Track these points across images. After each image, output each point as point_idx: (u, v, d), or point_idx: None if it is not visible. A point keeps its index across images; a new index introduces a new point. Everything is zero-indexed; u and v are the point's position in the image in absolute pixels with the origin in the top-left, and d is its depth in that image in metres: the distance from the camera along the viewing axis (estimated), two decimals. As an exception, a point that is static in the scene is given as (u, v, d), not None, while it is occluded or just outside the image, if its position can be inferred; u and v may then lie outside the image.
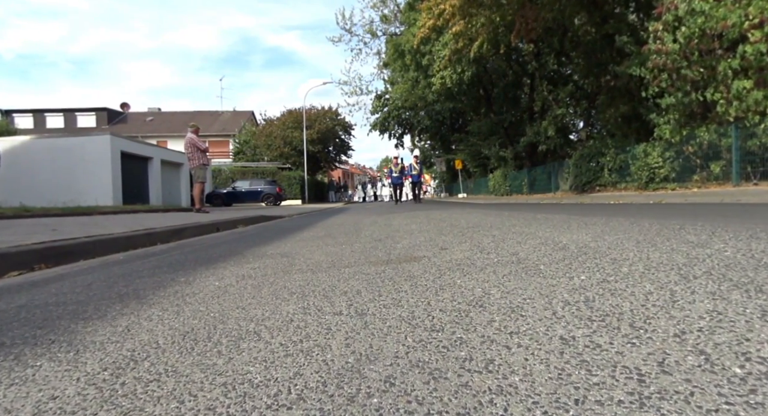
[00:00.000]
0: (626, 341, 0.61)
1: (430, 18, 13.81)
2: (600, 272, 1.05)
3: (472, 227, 2.58)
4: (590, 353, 0.58)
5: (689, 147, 9.62)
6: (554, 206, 5.64)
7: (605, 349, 0.59)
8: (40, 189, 15.19)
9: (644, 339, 0.62)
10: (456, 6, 12.30)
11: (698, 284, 0.89)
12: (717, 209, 3.08)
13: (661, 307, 0.75)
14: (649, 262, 1.12)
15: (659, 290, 0.86)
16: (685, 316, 0.70)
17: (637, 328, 0.66)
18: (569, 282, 0.97)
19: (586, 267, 1.13)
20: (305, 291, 1.13)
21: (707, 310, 0.72)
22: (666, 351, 0.57)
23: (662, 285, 0.90)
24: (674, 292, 0.84)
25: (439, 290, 1.00)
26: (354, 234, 2.83)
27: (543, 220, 2.70)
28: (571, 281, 0.98)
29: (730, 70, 8.15)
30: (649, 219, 2.20)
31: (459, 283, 1.05)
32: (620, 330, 0.66)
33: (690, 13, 8.07)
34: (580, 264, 1.18)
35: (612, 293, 0.86)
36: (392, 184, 17.10)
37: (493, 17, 12.09)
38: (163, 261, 2.25)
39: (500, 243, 1.73)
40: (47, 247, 2.77)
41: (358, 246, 2.09)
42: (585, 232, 1.84)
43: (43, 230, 3.76)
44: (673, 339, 0.61)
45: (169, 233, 4.28)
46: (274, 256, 1.93)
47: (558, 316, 0.74)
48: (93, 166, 15.56)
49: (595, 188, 13.58)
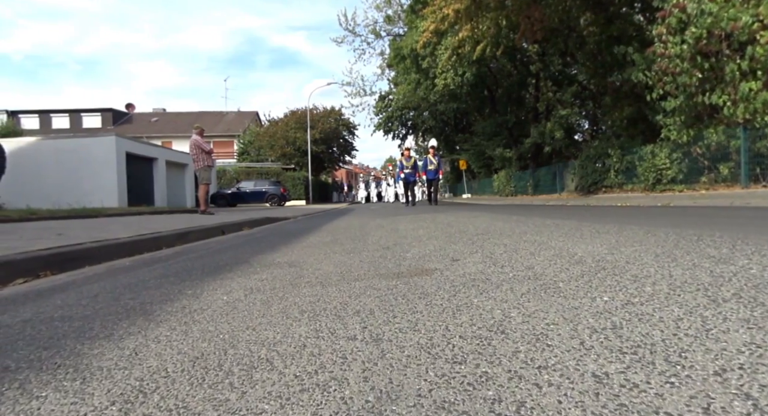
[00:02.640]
0: (664, 380, 0.58)
1: (433, 22, 13.77)
2: (623, 292, 1.01)
3: (482, 234, 2.54)
4: (627, 395, 0.55)
5: (697, 148, 9.53)
6: (561, 209, 5.57)
7: (643, 390, 0.56)
8: (46, 190, 15.27)
9: (683, 377, 0.58)
10: (460, 10, 12.24)
11: (729, 309, 0.85)
12: (730, 215, 3.03)
13: (695, 337, 0.71)
14: (672, 281, 1.08)
15: (689, 315, 0.82)
16: (722, 349, 0.66)
17: (673, 363, 0.62)
18: (592, 304, 0.94)
19: (607, 285, 1.09)
20: (316, 309, 1.10)
21: (744, 342, 0.68)
22: (709, 394, 0.53)
23: (691, 309, 0.86)
24: (705, 319, 0.80)
25: (456, 311, 0.96)
26: (361, 241, 2.80)
27: (553, 227, 2.65)
28: (594, 302, 0.95)
29: (738, 71, 8.05)
30: (663, 228, 2.15)
31: (476, 303, 1.01)
32: (656, 365, 0.62)
33: (699, 14, 7.98)
34: (600, 281, 1.14)
35: (639, 318, 0.82)
36: (403, 181, 14.04)
37: (499, 20, 12.02)
38: (169, 269, 2.22)
39: (513, 254, 1.69)
40: (53, 254, 2.75)
41: (366, 254, 2.05)
42: (599, 243, 1.80)
43: (49, 234, 3.76)
44: (714, 379, 0.57)
45: (174, 237, 4.26)
46: (281, 265, 1.90)
47: (586, 347, 0.71)
48: (98, 167, 15.63)
49: (601, 189, 13.49)
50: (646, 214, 3.50)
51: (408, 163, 13.51)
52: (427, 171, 13.05)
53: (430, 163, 13.00)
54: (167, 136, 35.12)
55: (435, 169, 13.03)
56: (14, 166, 12.81)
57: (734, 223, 2.33)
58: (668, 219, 2.80)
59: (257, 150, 30.19)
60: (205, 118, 38.64)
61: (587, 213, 4.17)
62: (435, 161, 13.03)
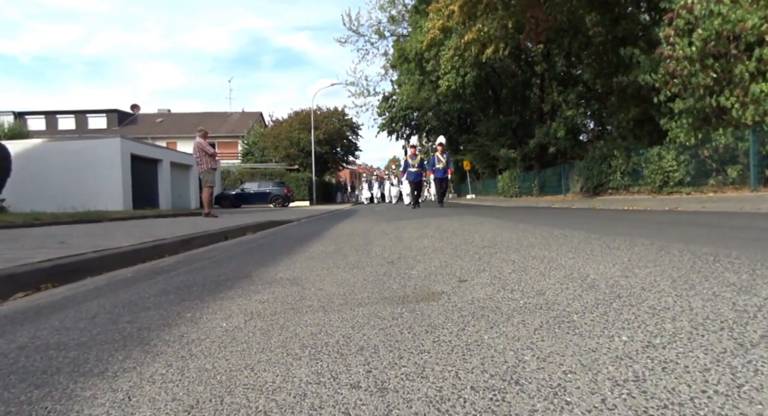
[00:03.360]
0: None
1: (439, 19, 13.69)
2: (642, 330, 0.96)
3: (488, 247, 2.49)
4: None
5: (704, 150, 9.41)
6: (567, 214, 5.48)
7: (676, 471, 0.50)
8: (51, 191, 15.34)
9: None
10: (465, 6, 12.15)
11: (758, 356, 0.79)
12: (742, 225, 2.96)
13: (726, 396, 0.66)
14: (693, 316, 1.02)
15: (716, 365, 0.77)
16: (758, 415, 0.61)
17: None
18: (611, 345, 0.88)
19: (624, 319, 1.03)
20: (318, 343, 1.05)
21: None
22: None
23: (717, 356, 0.81)
24: (734, 370, 0.75)
25: (466, 351, 0.91)
26: (364, 252, 2.75)
27: (562, 239, 2.59)
28: (613, 343, 0.89)
29: (747, 73, 7.94)
30: (676, 243, 2.09)
31: (487, 341, 0.96)
32: (687, 435, 0.57)
33: (707, 15, 7.87)
34: (617, 314, 1.08)
35: (663, 367, 0.77)
36: (409, 181, 13.04)
37: (504, 21, 11.93)
38: (169, 283, 2.19)
39: (522, 274, 1.64)
40: (54, 265, 2.73)
41: (370, 270, 2.01)
42: (611, 261, 1.74)
43: (52, 242, 3.74)
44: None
45: (177, 244, 4.24)
46: (283, 283, 1.86)
47: (609, 406, 0.65)
48: (103, 169, 15.69)
49: (606, 191, 13.36)
50: (655, 223, 3.43)
51: (414, 161, 12.51)
52: (435, 170, 12.18)
53: (438, 161, 12.09)
54: (172, 137, 35.24)
55: (444, 167, 12.10)
56: (19, 168, 12.88)
57: (749, 237, 2.26)
58: (679, 231, 2.73)
59: (261, 150, 30.24)
60: (209, 118, 38.75)
61: (595, 220, 4.09)
62: (443, 159, 12.08)
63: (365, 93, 27.73)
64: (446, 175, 12.16)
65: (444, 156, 12.10)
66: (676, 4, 8.60)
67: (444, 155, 12.12)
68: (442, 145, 12.39)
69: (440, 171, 12.17)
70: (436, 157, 12.14)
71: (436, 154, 12.17)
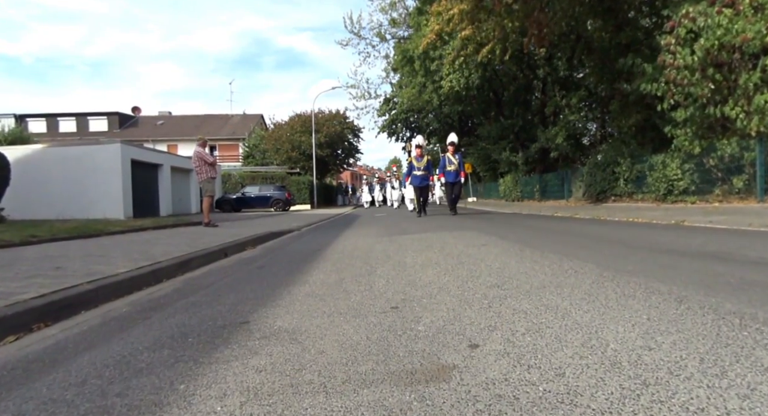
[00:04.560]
0: None
1: (438, 23, 13.62)
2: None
3: (497, 286, 2.40)
4: None
5: (710, 159, 9.31)
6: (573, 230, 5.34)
7: None
8: (51, 198, 15.28)
9: None
10: (465, 11, 12.06)
11: None
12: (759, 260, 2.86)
13: None
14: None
15: None
16: None
17: None
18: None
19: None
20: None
21: None
22: None
23: None
24: None
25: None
26: (366, 287, 2.66)
27: (572, 276, 2.50)
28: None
29: (751, 83, 7.84)
30: (694, 291, 1.99)
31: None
32: None
33: (708, 27, 7.76)
34: (645, 412, 0.99)
35: None
36: (414, 186, 11.44)
37: (505, 23, 11.84)
38: (164, 325, 2.11)
39: (536, 337, 1.55)
40: (48, 302, 2.64)
41: (373, 320, 1.92)
42: (629, 318, 1.65)
43: (48, 268, 3.66)
44: None
45: (174, 267, 4.16)
46: (282, 338, 1.77)
47: None
48: (103, 175, 15.61)
49: (610, 198, 13.26)
50: (667, 254, 3.34)
51: (420, 163, 10.96)
52: (446, 172, 10.76)
53: (450, 163, 10.67)
54: (173, 140, 35.21)
55: (456, 170, 10.69)
56: (19, 174, 12.80)
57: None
58: (694, 269, 2.64)
59: (262, 153, 30.19)
60: (210, 121, 38.72)
61: (603, 245, 4.00)
62: (456, 161, 10.67)
63: (366, 95, 27.69)
64: (459, 178, 10.84)
65: (456, 157, 10.77)
66: (678, 14, 8.50)
67: (456, 156, 10.80)
68: (453, 144, 10.97)
69: (452, 174, 10.78)
70: (446, 158, 10.79)
71: (447, 155, 10.86)
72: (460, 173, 10.79)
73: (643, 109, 12.16)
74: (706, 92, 8.32)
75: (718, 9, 7.43)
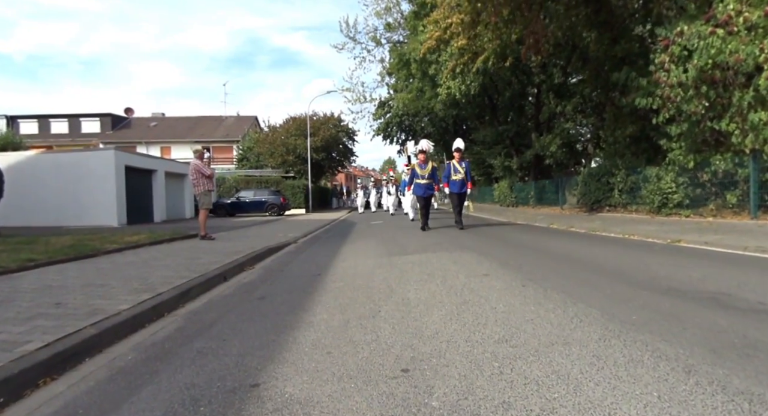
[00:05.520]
0: None
1: (437, 31, 13.65)
2: None
3: (505, 341, 2.42)
4: None
5: (704, 174, 9.43)
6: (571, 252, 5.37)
7: None
8: (44, 205, 15.11)
9: None
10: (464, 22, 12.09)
11: None
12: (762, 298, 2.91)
13: None
14: None
15: None
16: None
17: None
18: None
19: None
20: None
21: None
22: None
23: None
24: None
25: None
26: (373, 337, 2.66)
27: (578, 330, 2.54)
28: None
29: (745, 101, 7.95)
30: (701, 357, 2.03)
31: None
32: None
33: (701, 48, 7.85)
34: None
35: None
36: (417, 197, 10.44)
37: (502, 34, 11.89)
38: (173, 391, 2.09)
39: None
40: (53, 354, 2.62)
41: (384, 389, 1.93)
42: (641, 398, 1.68)
43: (48, 304, 3.62)
44: None
45: (175, 298, 4.16)
46: (294, 412, 1.78)
47: None
48: (97, 182, 15.49)
49: (604, 208, 13.38)
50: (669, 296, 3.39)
51: (423, 170, 9.91)
52: (451, 182, 9.78)
53: (456, 172, 9.72)
54: (166, 142, 34.95)
55: (462, 179, 9.72)
56: (12, 182, 12.64)
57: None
58: (698, 321, 2.68)
59: (257, 156, 30.05)
60: (204, 122, 38.46)
61: (604, 281, 4.05)
62: (462, 169, 9.71)
63: (362, 99, 27.65)
64: (465, 189, 9.86)
65: (463, 165, 9.78)
66: (672, 32, 8.59)
67: (462, 164, 9.81)
68: (460, 150, 9.90)
69: (457, 184, 9.73)
70: (452, 166, 9.85)
71: (452, 163, 9.90)
72: (467, 183, 9.83)
73: (637, 119, 12.29)
74: (700, 109, 8.43)
75: (711, 30, 7.52)
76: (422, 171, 9.94)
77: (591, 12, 11.48)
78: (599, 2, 11.23)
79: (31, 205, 14.94)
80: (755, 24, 7.66)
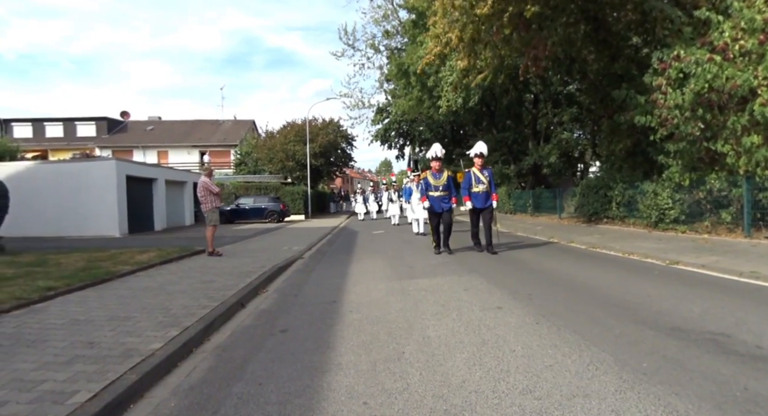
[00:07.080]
0: None
1: (437, 45, 13.85)
2: None
3: (528, 393, 2.61)
4: None
5: (699, 193, 9.72)
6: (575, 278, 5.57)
7: None
8: (45, 215, 15.13)
9: None
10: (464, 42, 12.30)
11: None
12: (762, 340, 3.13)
13: None
14: None
15: None
16: None
17: None
18: None
19: None
20: None
21: None
22: None
23: None
24: None
25: None
26: (404, 385, 2.84)
27: (595, 378, 2.74)
28: None
29: (740, 125, 8.24)
30: (706, 412, 2.24)
31: None
32: None
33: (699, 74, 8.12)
34: None
35: None
36: (429, 211, 8.32)
37: (503, 53, 12.13)
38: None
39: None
40: (103, 406, 2.77)
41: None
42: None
43: (81, 344, 3.75)
44: None
45: (201, 332, 4.31)
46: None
47: None
48: (98, 192, 15.53)
49: (602, 219, 13.67)
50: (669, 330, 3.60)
51: (438, 180, 8.15)
52: (473, 194, 7.93)
53: (478, 182, 7.90)
54: (163, 146, 34.88)
55: (486, 191, 7.89)
56: (12, 192, 12.67)
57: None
58: (702, 368, 2.89)
59: (255, 161, 30.12)
60: (201, 126, 38.40)
61: (610, 315, 4.26)
62: (485, 178, 7.91)
63: (360, 105, 27.83)
64: (490, 202, 7.92)
65: (485, 173, 7.96)
66: (669, 55, 8.86)
67: (485, 171, 7.99)
68: (482, 156, 8.03)
69: (481, 198, 7.90)
70: (472, 175, 7.98)
71: (473, 171, 8.03)
72: (492, 196, 7.99)
73: (633, 134, 12.58)
74: (696, 131, 8.71)
75: (709, 57, 7.79)
76: (436, 181, 8.17)
77: (590, 30, 11.75)
78: (597, 21, 11.50)
79: (31, 216, 14.94)
80: (749, 50, 7.96)
